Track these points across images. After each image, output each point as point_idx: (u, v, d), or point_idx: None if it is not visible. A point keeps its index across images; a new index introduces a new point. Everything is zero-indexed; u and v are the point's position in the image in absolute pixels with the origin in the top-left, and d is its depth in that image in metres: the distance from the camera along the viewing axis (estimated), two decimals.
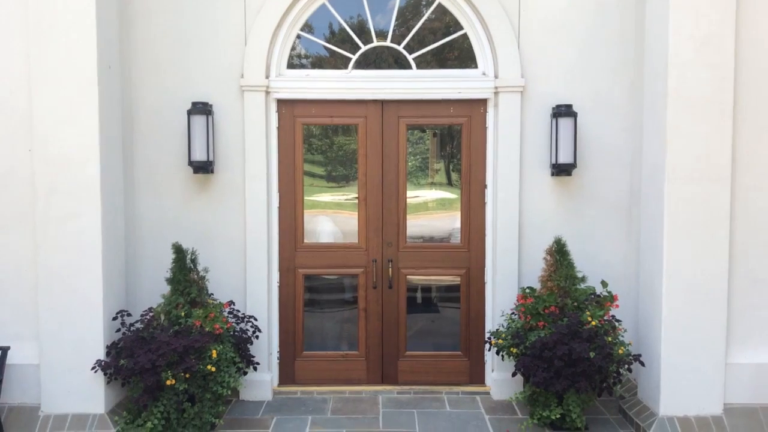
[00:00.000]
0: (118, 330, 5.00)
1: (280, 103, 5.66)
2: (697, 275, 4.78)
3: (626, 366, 4.84)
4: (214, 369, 4.73)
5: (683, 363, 4.81)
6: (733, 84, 4.74)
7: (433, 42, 5.69)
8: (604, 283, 5.13)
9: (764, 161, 4.88)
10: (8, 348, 4.89)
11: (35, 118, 4.77)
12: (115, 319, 4.97)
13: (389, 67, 5.72)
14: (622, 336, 5.10)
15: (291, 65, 5.71)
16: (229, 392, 4.92)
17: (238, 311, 5.32)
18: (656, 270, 4.89)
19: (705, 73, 4.71)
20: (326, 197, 6.04)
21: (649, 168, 5.07)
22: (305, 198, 5.79)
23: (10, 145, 4.91)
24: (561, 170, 5.45)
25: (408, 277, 5.82)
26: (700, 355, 4.80)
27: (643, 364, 4.98)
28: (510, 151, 5.52)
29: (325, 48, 5.74)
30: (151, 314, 4.99)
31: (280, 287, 5.76)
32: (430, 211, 5.96)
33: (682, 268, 4.78)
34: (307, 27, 5.71)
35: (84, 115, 4.76)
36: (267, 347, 5.64)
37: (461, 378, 5.87)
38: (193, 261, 5.13)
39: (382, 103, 5.71)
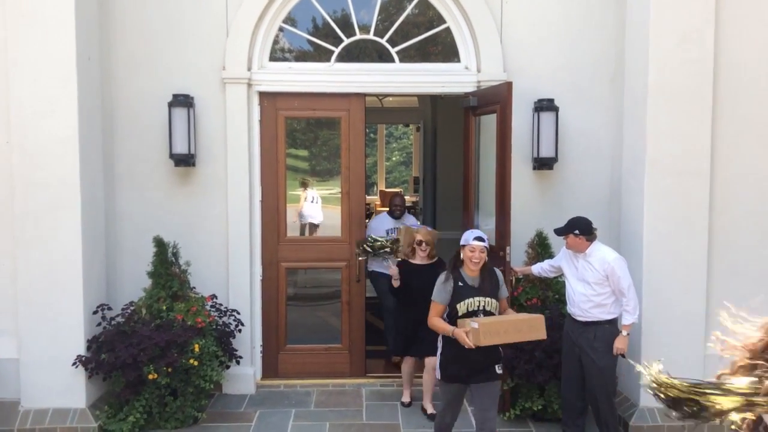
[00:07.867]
0: (99, 324, 4.94)
1: (263, 95, 5.62)
2: (677, 268, 4.84)
3: None
4: (196, 363, 4.71)
5: (662, 355, 4.81)
6: (712, 78, 4.79)
7: (417, 36, 5.68)
8: None
9: (744, 154, 4.94)
10: None
11: (12, 108, 4.70)
12: (95, 313, 4.92)
13: (372, 60, 5.71)
14: None
15: (274, 58, 5.68)
16: (212, 386, 4.90)
17: (221, 305, 5.28)
18: (636, 263, 4.93)
19: (685, 68, 4.76)
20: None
21: (629, 161, 5.11)
22: (288, 192, 5.76)
23: None
24: (543, 164, 5.47)
25: None
26: (679, 347, 4.85)
27: (623, 356, 5.01)
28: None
29: (308, 41, 5.72)
30: (132, 308, 4.96)
31: (263, 281, 5.73)
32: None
33: (662, 260, 4.83)
34: (290, 20, 5.68)
35: (63, 107, 4.70)
36: (250, 341, 5.61)
37: None
38: (175, 254, 5.10)
39: (365, 97, 5.69)
